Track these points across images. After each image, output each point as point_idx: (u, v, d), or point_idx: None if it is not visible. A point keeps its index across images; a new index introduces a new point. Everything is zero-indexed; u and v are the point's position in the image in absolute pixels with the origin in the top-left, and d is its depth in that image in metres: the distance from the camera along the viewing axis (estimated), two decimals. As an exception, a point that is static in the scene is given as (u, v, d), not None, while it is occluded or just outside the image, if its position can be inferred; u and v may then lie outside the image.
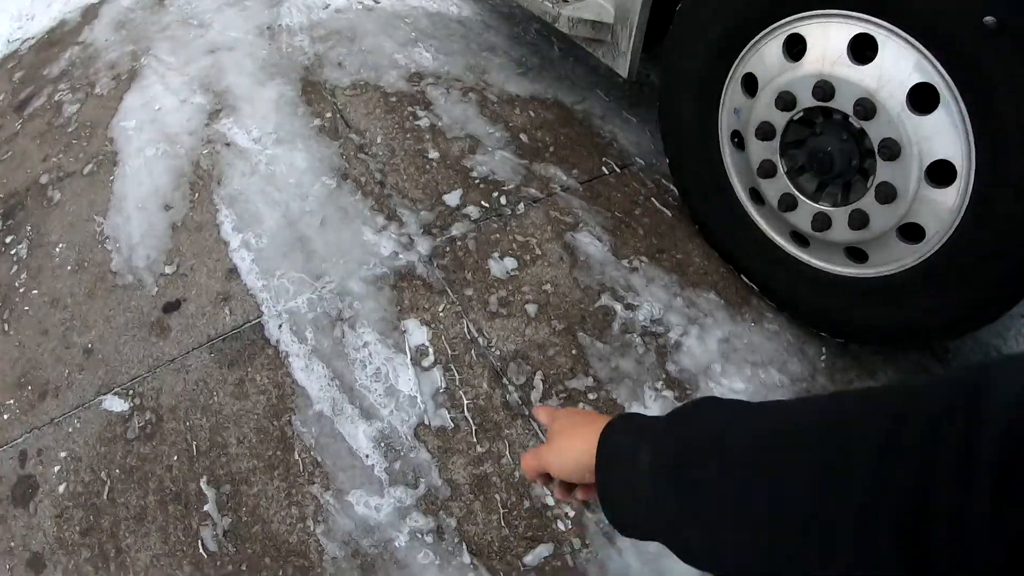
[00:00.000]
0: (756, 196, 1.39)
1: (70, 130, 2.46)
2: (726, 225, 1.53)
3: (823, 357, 1.48)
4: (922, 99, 1.04)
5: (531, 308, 1.50)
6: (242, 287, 1.63)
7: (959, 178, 1.03)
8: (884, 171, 1.11)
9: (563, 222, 1.68)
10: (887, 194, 1.11)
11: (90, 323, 1.68)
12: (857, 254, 1.26)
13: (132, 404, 1.49)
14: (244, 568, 1.23)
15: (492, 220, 1.70)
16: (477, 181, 1.79)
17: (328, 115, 2.06)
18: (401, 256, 1.63)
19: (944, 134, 1.02)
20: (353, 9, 2.60)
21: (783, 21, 1.17)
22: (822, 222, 1.24)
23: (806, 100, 1.17)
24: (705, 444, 0.45)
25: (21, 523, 1.37)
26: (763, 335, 1.49)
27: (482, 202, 1.73)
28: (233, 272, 1.67)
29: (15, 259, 1.98)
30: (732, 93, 1.34)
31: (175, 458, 1.39)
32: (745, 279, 1.57)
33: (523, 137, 1.94)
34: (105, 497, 1.36)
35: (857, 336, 1.40)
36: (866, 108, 1.08)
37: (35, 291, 1.85)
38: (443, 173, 1.82)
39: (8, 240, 2.07)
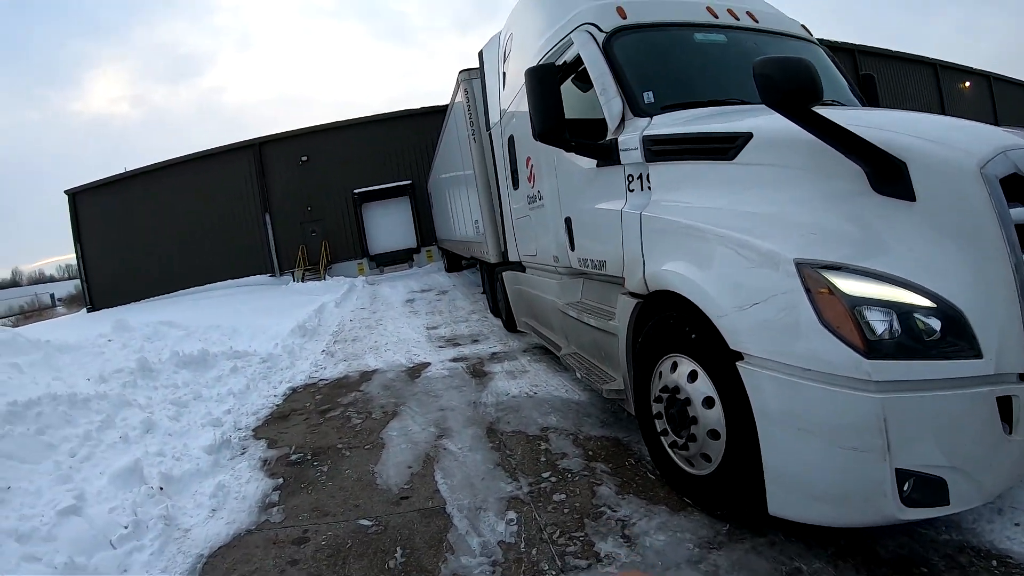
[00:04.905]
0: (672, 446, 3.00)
1: (357, 430, 4.76)
2: (664, 469, 3.09)
3: (726, 527, 2.79)
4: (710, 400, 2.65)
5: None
6: (440, 498, 3.48)
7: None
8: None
9: (596, 482, 3.40)
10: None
11: (360, 497, 3.58)
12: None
13: (374, 523, 3.31)
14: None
15: (565, 477, 3.56)
16: (560, 467, 3.63)
17: (498, 443, 4.14)
18: (514, 491, 3.36)
19: (716, 414, 2.58)
20: (521, 396, 5.03)
21: (668, 355, 2.85)
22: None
23: (673, 388, 2.80)
24: None
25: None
26: (689, 519, 2.88)
27: (555, 471, 3.63)
28: (436, 492, 3.56)
29: (318, 472, 4.03)
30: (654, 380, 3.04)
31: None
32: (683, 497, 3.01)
33: (590, 453, 3.78)
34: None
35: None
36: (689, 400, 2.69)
37: (330, 483, 3.81)
38: (545, 462, 3.70)
39: (316, 463, 4.17)
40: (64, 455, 4.39)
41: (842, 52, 26.51)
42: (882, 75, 26.07)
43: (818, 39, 4.35)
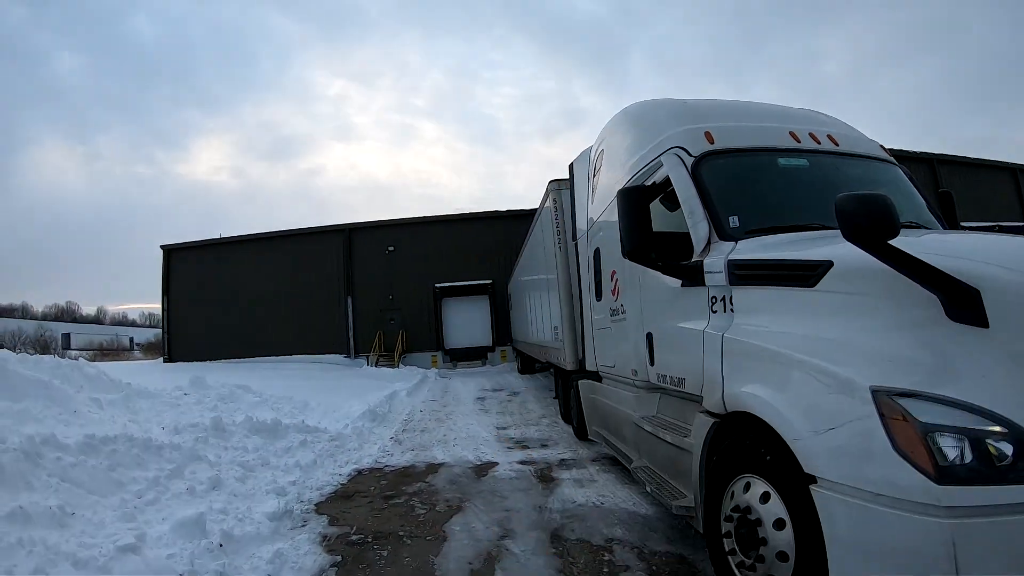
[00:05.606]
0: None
1: (420, 520, 4.85)
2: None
3: None
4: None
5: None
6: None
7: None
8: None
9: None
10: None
11: (417, 585, 3.74)
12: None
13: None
14: None
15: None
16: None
17: (562, 549, 4.05)
18: None
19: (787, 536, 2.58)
20: (588, 505, 5.00)
21: (742, 475, 2.88)
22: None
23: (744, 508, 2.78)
24: None
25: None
26: None
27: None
28: (492, 593, 3.66)
29: (378, 555, 4.10)
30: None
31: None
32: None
33: (654, 568, 3.70)
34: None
35: None
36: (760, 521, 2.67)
37: (388, 568, 3.86)
38: (607, 573, 3.78)
39: (376, 547, 4.26)
40: (131, 495, 4.73)
41: (920, 162, 26.30)
42: (960, 183, 25.66)
43: (897, 150, 4.49)
